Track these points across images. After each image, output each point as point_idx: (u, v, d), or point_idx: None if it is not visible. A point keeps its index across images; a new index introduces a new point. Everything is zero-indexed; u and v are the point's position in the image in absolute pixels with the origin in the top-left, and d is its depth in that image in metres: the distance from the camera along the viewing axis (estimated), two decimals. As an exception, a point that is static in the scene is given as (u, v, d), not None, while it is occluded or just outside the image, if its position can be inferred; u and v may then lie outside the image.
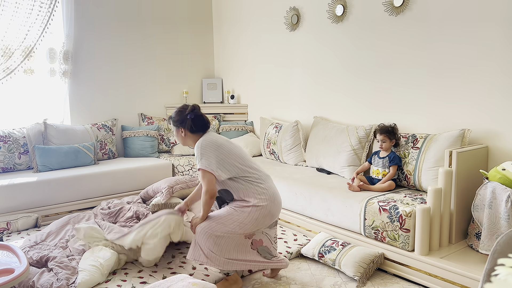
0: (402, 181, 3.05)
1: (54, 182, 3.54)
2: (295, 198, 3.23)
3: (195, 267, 2.58)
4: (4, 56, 3.75)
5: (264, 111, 4.73)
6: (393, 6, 3.27)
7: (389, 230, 2.55)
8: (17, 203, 3.37)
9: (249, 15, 4.78)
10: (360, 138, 3.38)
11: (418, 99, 3.22)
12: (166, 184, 3.34)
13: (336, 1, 3.73)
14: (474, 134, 2.87)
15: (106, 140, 4.35)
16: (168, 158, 4.39)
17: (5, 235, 3.17)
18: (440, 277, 2.31)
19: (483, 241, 2.34)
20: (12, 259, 2.27)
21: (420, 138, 2.99)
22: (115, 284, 2.39)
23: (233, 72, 5.15)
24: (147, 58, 4.82)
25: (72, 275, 2.36)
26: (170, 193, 3.29)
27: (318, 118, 3.91)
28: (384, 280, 2.50)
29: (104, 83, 4.54)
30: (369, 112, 3.58)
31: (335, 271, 2.62)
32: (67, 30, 4.15)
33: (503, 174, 2.31)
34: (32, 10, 3.81)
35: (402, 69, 3.30)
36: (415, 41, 3.19)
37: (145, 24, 4.79)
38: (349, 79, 3.73)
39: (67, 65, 4.20)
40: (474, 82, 2.87)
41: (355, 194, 2.89)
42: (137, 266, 2.62)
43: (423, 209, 2.39)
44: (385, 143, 3.03)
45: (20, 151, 3.82)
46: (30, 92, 4.11)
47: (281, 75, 4.44)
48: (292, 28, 4.22)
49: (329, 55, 3.89)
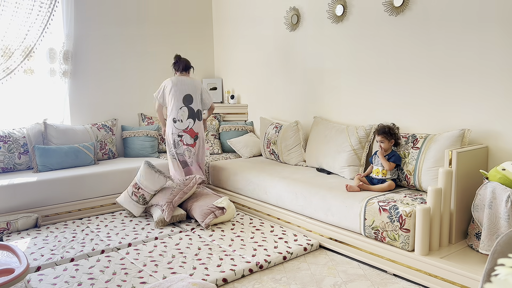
0: (402, 181, 3.05)
1: (54, 182, 3.54)
2: (295, 198, 3.23)
3: (195, 267, 2.59)
4: (4, 56, 3.75)
5: (264, 111, 4.73)
6: (393, 6, 3.27)
7: (389, 230, 2.55)
8: (17, 203, 3.37)
9: (249, 15, 4.78)
10: (360, 138, 3.38)
11: (418, 99, 3.22)
12: (165, 200, 3.35)
13: (336, 1, 3.73)
14: (474, 134, 2.87)
15: (106, 140, 4.35)
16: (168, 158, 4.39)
17: (5, 235, 3.17)
18: (440, 277, 2.31)
19: (483, 241, 2.34)
20: (12, 259, 2.27)
21: (420, 138, 2.99)
22: (115, 284, 2.39)
23: (233, 72, 5.15)
24: (147, 58, 4.82)
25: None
26: (171, 209, 3.33)
27: (318, 118, 3.91)
28: (384, 280, 2.50)
29: (104, 83, 4.54)
30: (369, 112, 3.58)
31: (335, 271, 2.62)
32: (67, 30, 4.16)
33: (503, 174, 2.31)
34: (32, 10, 3.81)
35: (402, 69, 3.30)
36: (415, 41, 3.19)
37: (145, 24, 4.79)
38: (349, 79, 3.73)
39: (67, 65, 4.20)
40: (474, 82, 2.87)
41: (355, 194, 2.89)
42: (137, 266, 2.62)
43: (423, 209, 2.39)
44: (383, 144, 3.03)
45: (20, 151, 3.82)
46: (30, 92, 4.11)
47: (281, 75, 4.44)
48: (292, 28, 4.22)
49: (329, 55, 3.89)
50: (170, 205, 3.32)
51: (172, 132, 3.75)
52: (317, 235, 3.05)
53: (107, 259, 2.72)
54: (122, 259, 2.71)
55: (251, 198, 3.72)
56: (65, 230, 3.27)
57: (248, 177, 3.73)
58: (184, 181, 3.52)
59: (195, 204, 3.41)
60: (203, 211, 3.28)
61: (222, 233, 3.15)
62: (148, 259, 2.71)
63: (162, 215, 3.29)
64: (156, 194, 3.49)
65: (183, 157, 3.79)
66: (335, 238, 2.91)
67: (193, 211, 3.38)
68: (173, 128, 3.74)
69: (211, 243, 2.98)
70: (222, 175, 4.08)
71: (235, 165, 4.06)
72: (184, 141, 3.74)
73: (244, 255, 2.75)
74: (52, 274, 2.51)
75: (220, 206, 3.28)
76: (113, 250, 2.90)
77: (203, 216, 3.26)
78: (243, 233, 3.16)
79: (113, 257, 2.75)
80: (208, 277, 2.44)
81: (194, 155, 3.80)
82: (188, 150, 3.76)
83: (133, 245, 2.98)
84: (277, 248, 2.86)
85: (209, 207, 3.29)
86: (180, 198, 3.40)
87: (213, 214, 3.25)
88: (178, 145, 3.76)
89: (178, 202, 3.39)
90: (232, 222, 3.39)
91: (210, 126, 4.82)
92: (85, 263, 2.66)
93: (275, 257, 2.73)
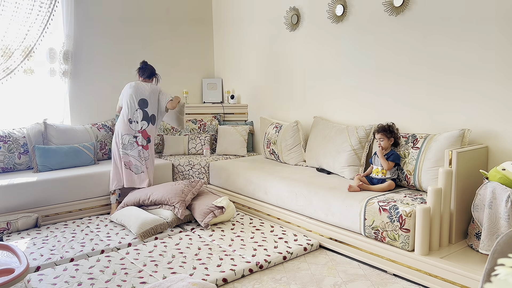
0: (402, 181, 3.05)
1: (54, 182, 3.54)
2: (295, 198, 3.23)
3: (195, 267, 2.59)
4: (4, 56, 3.75)
5: (264, 111, 4.73)
6: (393, 6, 3.27)
7: (389, 230, 2.55)
8: (17, 203, 3.37)
9: (249, 15, 4.78)
10: (360, 138, 3.38)
11: (418, 99, 3.22)
12: (177, 199, 3.36)
13: (336, 1, 3.73)
14: (474, 134, 2.87)
15: (106, 140, 4.35)
16: (168, 158, 4.40)
17: (5, 235, 3.17)
18: (440, 277, 2.31)
19: (483, 241, 2.34)
20: (12, 259, 2.27)
21: (420, 138, 2.99)
22: (115, 284, 2.39)
23: (233, 72, 5.15)
24: (147, 58, 4.80)
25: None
26: (184, 207, 3.35)
27: (318, 118, 3.91)
28: (384, 280, 2.50)
29: (104, 83, 4.54)
30: (369, 112, 3.58)
31: (335, 271, 2.62)
32: (67, 30, 4.16)
33: (503, 174, 2.31)
34: (32, 10, 3.81)
35: (402, 69, 3.30)
36: (415, 41, 3.19)
37: (145, 24, 4.79)
38: (349, 79, 3.73)
39: (67, 65, 4.20)
40: (474, 82, 2.87)
41: (355, 194, 2.89)
42: (137, 266, 2.62)
43: (423, 209, 2.39)
44: (383, 142, 3.04)
45: (20, 151, 3.82)
46: (30, 92, 4.11)
47: (281, 75, 4.44)
48: (292, 28, 4.22)
49: (329, 55, 3.89)
50: (183, 203, 3.34)
51: (127, 132, 3.70)
52: (317, 235, 3.05)
53: (107, 259, 2.72)
54: (122, 259, 2.71)
55: (251, 198, 3.72)
56: (65, 230, 3.27)
57: (248, 177, 3.73)
58: (190, 182, 3.54)
59: (195, 204, 3.41)
60: (202, 211, 3.28)
61: (222, 233, 3.15)
62: (148, 259, 2.71)
63: (175, 214, 3.29)
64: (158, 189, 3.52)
65: (128, 159, 3.72)
66: (335, 238, 2.91)
67: (193, 210, 3.38)
68: (129, 128, 3.71)
69: (211, 243, 2.98)
70: (222, 175, 4.08)
71: (235, 165, 4.06)
72: (138, 142, 3.72)
73: (244, 255, 2.75)
74: (52, 274, 2.51)
75: (220, 206, 3.28)
76: (113, 250, 2.91)
77: (202, 216, 3.26)
78: (243, 233, 3.16)
79: (113, 257, 2.75)
80: (208, 277, 2.44)
81: (147, 157, 3.76)
82: (142, 151, 3.73)
83: (133, 245, 2.98)
84: (277, 248, 2.86)
85: (208, 207, 3.29)
86: (190, 198, 3.42)
87: (212, 213, 3.25)
88: (131, 147, 3.71)
89: (188, 201, 3.41)
90: (232, 222, 3.39)
91: (210, 126, 4.83)
92: (85, 263, 2.65)
93: (275, 257, 2.73)
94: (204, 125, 4.85)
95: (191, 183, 3.53)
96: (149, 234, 3.08)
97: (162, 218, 3.27)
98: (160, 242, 3.00)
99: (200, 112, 5.02)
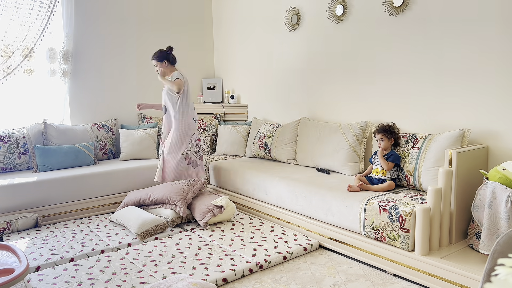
0: (402, 181, 3.05)
1: (54, 182, 3.54)
2: (295, 198, 3.23)
3: (195, 267, 2.59)
4: (4, 56, 3.75)
5: (264, 111, 4.73)
6: (393, 6, 3.27)
7: (389, 230, 2.55)
8: (17, 203, 3.37)
9: (249, 15, 4.77)
10: (356, 134, 3.43)
11: (418, 99, 3.22)
12: (179, 197, 3.36)
13: (336, 1, 3.73)
14: (474, 134, 2.87)
15: (106, 140, 4.35)
16: (168, 158, 4.39)
17: (5, 235, 3.17)
18: (440, 277, 2.31)
19: (483, 241, 2.34)
20: (12, 259, 2.27)
21: (420, 138, 2.99)
22: (115, 284, 2.39)
23: (233, 72, 5.15)
24: (147, 58, 4.81)
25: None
26: (185, 205, 3.36)
27: (305, 119, 3.98)
28: (384, 280, 2.50)
29: (104, 83, 4.54)
30: (369, 112, 3.58)
31: (335, 271, 2.62)
32: (67, 30, 4.16)
33: (503, 174, 2.31)
34: (32, 10, 3.81)
35: (402, 68, 3.30)
36: (415, 41, 3.19)
37: (145, 24, 4.79)
38: (349, 79, 3.73)
39: (67, 65, 4.20)
40: (474, 82, 2.87)
41: (355, 194, 2.89)
42: (137, 266, 2.62)
43: (423, 209, 2.39)
44: (383, 142, 3.04)
45: (20, 151, 3.82)
46: (30, 92, 4.11)
47: (281, 75, 4.44)
48: (292, 28, 4.22)
49: (330, 55, 3.89)
50: (184, 201, 3.34)
51: (194, 132, 3.73)
52: (317, 235, 3.05)
53: (107, 259, 2.72)
54: (122, 259, 2.71)
55: (251, 198, 3.72)
56: (65, 230, 3.27)
57: (248, 177, 3.73)
58: (191, 181, 3.54)
59: (195, 204, 3.41)
60: (201, 210, 3.28)
61: (222, 233, 3.15)
62: (148, 259, 2.71)
63: (177, 212, 3.29)
64: (157, 189, 3.52)
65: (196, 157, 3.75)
66: (335, 238, 2.91)
67: (193, 210, 3.38)
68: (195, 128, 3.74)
69: (211, 243, 2.98)
70: (222, 175, 4.08)
71: (235, 165, 4.05)
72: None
73: (244, 255, 2.75)
74: (52, 274, 2.51)
75: (219, 205, 3.28)
76: (113, 250, 2.91)
77: (201, 215, 3.26)
78: (243, 233, 3.16)
79: (113, 257, 2.75)
80: (208, 277, 2.44)
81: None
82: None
83: (133, 245, 2.98)
84: (277, 248, 2.86)
85: (207, 206, 3.29)
86: (191, 196, 3.42)
87: (212, 212, 3.25)
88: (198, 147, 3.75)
89: (189, 200, 3.41)
90: (232, 222, 3.39)
91: (210, 126, 4.83)
92: (85, 263, 2.66)
93: (275, 257, 2.73)
94: (204, 125, 4.85)
95: (192, 182, 3.53)
96: (149, 234, 3.08)
97: (163, 218, 3.27)
98: (160, 242, 3.00)
99: (200, 112, 5.02)
